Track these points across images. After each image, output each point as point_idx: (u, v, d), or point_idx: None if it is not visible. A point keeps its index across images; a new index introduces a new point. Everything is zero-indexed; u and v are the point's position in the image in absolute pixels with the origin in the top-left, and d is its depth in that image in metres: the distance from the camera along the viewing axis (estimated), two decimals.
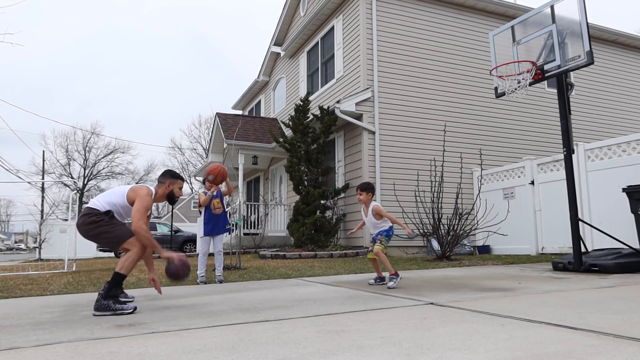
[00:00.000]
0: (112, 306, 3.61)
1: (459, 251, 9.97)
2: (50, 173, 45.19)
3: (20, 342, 2.67)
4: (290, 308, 3.59)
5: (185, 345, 2.45)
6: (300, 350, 2.26)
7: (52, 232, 22.87)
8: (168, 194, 4.15)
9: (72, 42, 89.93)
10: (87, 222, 3.86)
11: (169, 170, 4.32)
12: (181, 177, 4.27)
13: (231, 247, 10.39)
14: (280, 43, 17.14)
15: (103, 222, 3.84)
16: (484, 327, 2.66)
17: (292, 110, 13.49)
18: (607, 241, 7.03)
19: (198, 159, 48.72)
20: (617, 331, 2.43)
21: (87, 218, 3.88)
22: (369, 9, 11.48)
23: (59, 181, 44.36)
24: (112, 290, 3.73)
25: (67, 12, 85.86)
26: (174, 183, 4.18)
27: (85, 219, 3.87)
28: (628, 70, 14.93)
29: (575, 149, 8.58)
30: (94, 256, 21.09)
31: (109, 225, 3.86)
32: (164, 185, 4.14)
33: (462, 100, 12.10)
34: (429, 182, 9.15)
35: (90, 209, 3.92)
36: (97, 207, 3.91)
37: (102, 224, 3.84)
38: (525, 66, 6.63)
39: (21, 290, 5.67)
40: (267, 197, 16.46)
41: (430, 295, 4.07)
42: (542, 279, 5.31)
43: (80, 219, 3.91)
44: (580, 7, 6.08)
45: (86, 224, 3.85)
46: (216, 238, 6.26)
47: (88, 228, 3.85)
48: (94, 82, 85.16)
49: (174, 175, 4.24)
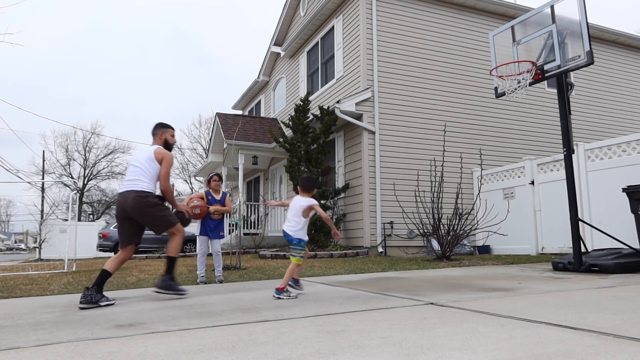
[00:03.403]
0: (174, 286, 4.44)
1: (459, 251, 9.97)
2: (50, 173, 45.18)
3: (20, 342, 2.67)
4: (290, 308, 3.59)
5: (185, 345, 2.45)
6: (300, 350, 2.26)
7: (52, 232, 22.82)
8: (163, 144, 4.65)
9: (60, 40, 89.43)
10: (147, 204, 4.35)
11: (158, 123, 4.77)
12: (170, 126, 4.78)
13: (231, 247, 10.40)
14: (280, 43, 17.14)
15: (162, 206, 4.47)
16: (484, 327, 2.66)
17: (292, 110, 13.49)
18: (607, 241, 7.03)
19: (198, 159, 48.64)
20: (617, 331, 2.43)
21: (144, 199, 4.34)
22: (369, 9, 11.48)
23: (59, 181, 44.35)
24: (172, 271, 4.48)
25: (53, 9, 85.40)
26: (165, 132, 4.69)
27: (142, 200, 4.33)
28: (628, 70, 14.93)
29: (575, 149, 8.58)
30: (94, 256, 21.07)
31: (165, 210, 4.49)
32: (158, 137, 4.66)
33: (462, 100, 12.10)
34: (429, 182, 9.15)
35: (145, 192, 4.37)
36: (150, 190, 4.41)
37: (161, 208, 4.45)
38: (525, 66, 6.63)
39: (21, 290, 5.67)
40: (267, 197, 16.46)
41: (430, 295, 4.07)
42: (542, 279, 5.30)
43: (136, 200, 4.31)
44: (580, 7, 6.08)
45: (146, 205, 4.35)
46: (213, 240, 6.27)
47: (148, 210, 4.36)
48: (88, 80, 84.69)
49: (163, 125, 4.75)
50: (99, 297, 4.06)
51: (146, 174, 4.41)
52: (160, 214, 4.42)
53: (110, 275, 4.29)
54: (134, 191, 4.33)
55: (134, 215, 4.35)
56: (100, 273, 4.23)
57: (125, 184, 4.44)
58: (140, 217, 4.38)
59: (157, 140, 4.66)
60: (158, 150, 4.53)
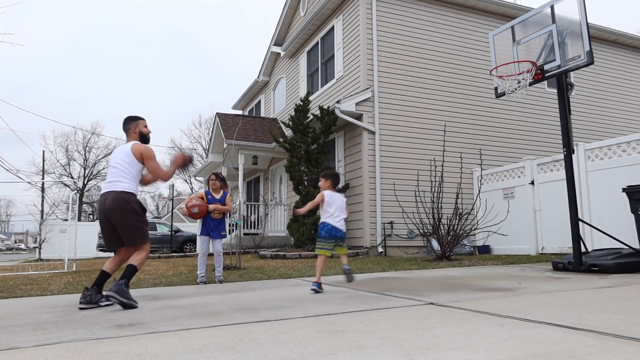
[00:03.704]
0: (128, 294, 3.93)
1: (459, 251, 9.96)
2: (50, 173, 45.22)
3: (20, 342, 2.67)
4: (290, 308, 3.59)
5: (185, 345, 2.45)
6: (300, 350, 2.26)
7: (52, 232, 22.83)
8: (139, 137, 4.51)
9: (59, 40, 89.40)
10: (127, 209, 4.11)
11: (127, 117, 4.58)
12: (140, 117, 4.61)
13: (231, 247, 10.40)
14: (280, 43, 17.14)
15: (141, 217, 4.23)
16: (484, 327, 2.66)
17: (292, 110, 13.49)
18: (607, 241, 7.02)
19: (198, 159, 48.64)
20: (617, 331, 2.43)
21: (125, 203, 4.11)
22: (369, 9, 11.48)
23: (59, 181, 44.36)
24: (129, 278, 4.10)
25: (52, 9, 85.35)
26: (137, 125, 4.52)
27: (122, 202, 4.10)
28: (628, 70, 14.93)
29: (575, 149, 8.58)
30: (94, 256, 21.08)
31: (142, 223, 4.25)
32: (132, 131, 4.49)
33: (462, 100, 12.10)
34: (429, 182, 9.15)
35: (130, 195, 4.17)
36: (131, 190, 4.20)
37: (140, 219, 4.21)
38: (525, 66, 6.63)
39: (21, 290, 5.67)
40: (267, 197, 16.45)
41: (430, 295, 4.07)
42: (542, 279, 5.30)
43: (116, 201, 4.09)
44: (580, 7, 6.08)
45: (125, 210, 4.11)
46: (215, 240, 6.26)
47: (125, 215, 4.11)
48: (87, 80, 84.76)
49: (134, 118, 4.56)
50: (98, 297, 4.06)
51: (126, 174, 4.23)
52: (137, 225, 4.18)
53: (109, 276, 4.25)
54: (114, 192, 4.15)
55: (111, 217, 4.12)
56: (100, 274, 4.21)
57: (106, 186, 4.26)
58: (115, 219, 4.12)
59: (132, 136, 4.48)
60: (134, 147, 4.34)
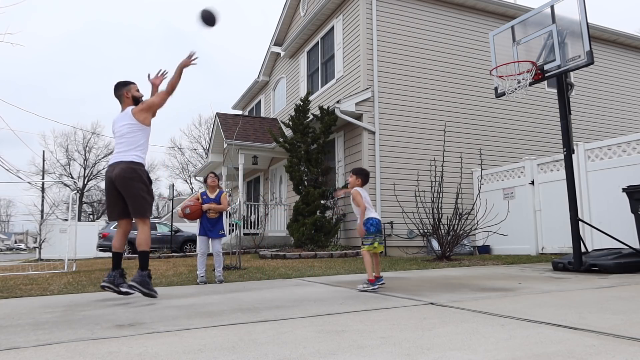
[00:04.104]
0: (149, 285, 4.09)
1: (459, 251, 9.96)
2: (50, 173, 45.22)
3: (20, 342, 2.67)
4: (290, 308, 3.58)
5: (185, 345, 2.45)
6: (300, 350, 2.26)
7: (52, 232, 22.84)
8: (134, 102, 4.49)
9: (58, 39, 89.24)
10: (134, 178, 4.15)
11: (117, 83, 4.57)
12: (131, 81, 4.61)
13: (231, 247, 10.40)
14: (280, 43, 17.15)
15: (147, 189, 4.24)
16: (484, 327, 2.66)
17: (292, 110, 13.49)
18: (607, 241, 7.02)
19: (198, 159, 48.70)
20: (617, 331, 2.43)
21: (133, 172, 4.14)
22: (369, 9, 11.48)
23: (59, 181, 44.37)
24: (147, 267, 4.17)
25: (51, 8, 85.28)
26: (129, 89, 4.51)
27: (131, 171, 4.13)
28: (628, 70, 14.93)
29: (575, 149, 8.58)
30: (94, 256, 21.06)
31: (148, 195, 4.26)
32: (125, 97, 4.48)
33: (462, 100, 12.10)
34: (429, 182, 9.15)
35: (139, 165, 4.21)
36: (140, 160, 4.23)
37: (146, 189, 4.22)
38: (525, 66, 6.63)
39: (21, 290, 5.67)
40: (267, 197, 16.45)
41: (430, 295, 4.07)
42: (542, 279, 5.30)
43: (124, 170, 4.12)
44: (580, 7, 6.08)
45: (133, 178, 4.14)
46: (214, 239, 6.26)
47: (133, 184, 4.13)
48: (87, 80, 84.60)
49: (124, 83, 4.56)
50: (120, 281, 4.19)
51: (132, 143, 4.24)
52: (143, 194, 4.21)
53: (122, 254, 4.35)
54: (123, 162, 4.19)
55: (119, 185, 4.15)
56: (114, 257, 4.28)
57: (114, 156, 4.30)
58: (123, 188, 4.16)
59: (125, 102, 4.49)
60: (135, 110, 4.35)
